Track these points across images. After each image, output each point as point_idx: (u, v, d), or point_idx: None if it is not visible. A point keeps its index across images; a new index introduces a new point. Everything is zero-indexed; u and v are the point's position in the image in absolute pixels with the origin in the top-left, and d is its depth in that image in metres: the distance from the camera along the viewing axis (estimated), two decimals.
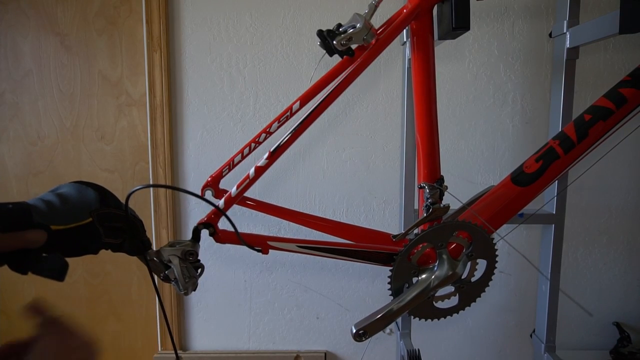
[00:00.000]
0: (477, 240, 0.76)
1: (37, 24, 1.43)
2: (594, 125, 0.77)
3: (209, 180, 0.86)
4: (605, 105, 0.78)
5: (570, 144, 0.78)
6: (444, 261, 0.76)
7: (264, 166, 0.75)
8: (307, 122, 0.74)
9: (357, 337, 0.76)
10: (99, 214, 0.56)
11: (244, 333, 1.52)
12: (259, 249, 0.76)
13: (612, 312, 1.44)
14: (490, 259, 0.77)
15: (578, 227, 1.40)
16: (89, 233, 0.55)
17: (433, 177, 0.79)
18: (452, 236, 0.75)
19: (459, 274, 0.76)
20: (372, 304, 1.49)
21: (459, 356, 1.51)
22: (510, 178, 0.81)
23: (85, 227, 0.54)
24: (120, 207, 0.59)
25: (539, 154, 0.81)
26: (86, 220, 0.54)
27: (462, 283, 0.78)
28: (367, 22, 0.69)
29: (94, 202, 0.56)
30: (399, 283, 0.77)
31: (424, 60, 0.76)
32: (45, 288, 1.57)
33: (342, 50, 0.71)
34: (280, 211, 0.94)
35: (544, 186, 0.80)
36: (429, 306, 0.78)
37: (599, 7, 1.30)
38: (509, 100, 1.36)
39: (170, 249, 0.66)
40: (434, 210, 0.76)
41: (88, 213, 0.55)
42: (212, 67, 1.40)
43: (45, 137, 1.49)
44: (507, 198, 0.80)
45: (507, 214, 0.81)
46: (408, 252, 0.75)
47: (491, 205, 0.80)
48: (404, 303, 0.75)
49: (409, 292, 0.75)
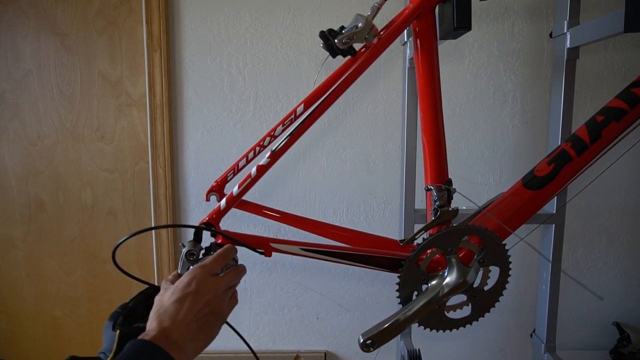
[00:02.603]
0: (488, 245, 0.73)
1: (37, 24, 1.43)
2: (607, 126, 0.76)
3: (214, 185, 0.85)
4: (618, 105, 0.77)
5: (583, 145, 0.76)
6: (454, 267, 0.72)
7: (265, 165, 0.74)
8: (309, 122, 0.74)
9: (365, 347, 0.72)
10: (119, 325, 0.61)
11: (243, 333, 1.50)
12: (262, 251, 0.75)
13: (612, 312, 1.44)
14: (503, 266, 0.74)
15: (578, 227, 1.40)
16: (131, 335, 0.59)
17: (441, 178, 0.77)
18: (462, 241, 0.72)
19: (469, 281, 0.72)
20: (372, 304, 1.49)
21: (459, 356, 1.51)
22: (522, 182, 0.80)
23: (123, 339, 0.59)
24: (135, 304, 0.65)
25: (550, 157, 0.79)
26: (116, 338, 0.60)
27: (474, 292, 0.74)
28: (368, 22, 0.69)
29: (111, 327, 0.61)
30: (408, 290, 0.74)
31: (428, 61, 0.76)
32: (46, 288, 1.57)
33: (344, 50, 0.70)
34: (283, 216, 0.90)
35: (557, 189, 0.78)
36: (440, 316, 0.75)
37: (599, 7, 1.30)
38: (509, 100, 1.36)
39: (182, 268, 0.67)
40: (442, 213, 0.73)
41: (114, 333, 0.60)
42: (212, 67, 1.40)
43: (45, 137, 1.49)
44: (519, 202, 0.78)
45: (519, 219, 0.78)
46: (416, 257, 0.72)
47: (503, 211, 0.78)
48: (413, 312, 0.71)
49: (418, 300, 0.72)
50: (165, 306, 0.56)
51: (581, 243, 1.41)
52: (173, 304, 0.56)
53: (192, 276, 0.59)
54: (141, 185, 1.50)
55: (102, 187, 1.51)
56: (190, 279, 0.59)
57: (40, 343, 1.61)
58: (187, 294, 0.57)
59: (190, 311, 0.56)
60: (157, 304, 0.58)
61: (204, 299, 0.57)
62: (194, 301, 0.56)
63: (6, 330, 1.61)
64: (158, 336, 0.52)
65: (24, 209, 1.53)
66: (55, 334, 1.60)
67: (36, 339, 1.61)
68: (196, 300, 0.57)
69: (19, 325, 1.60)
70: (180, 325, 0.54)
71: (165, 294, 0.58)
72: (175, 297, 0.57)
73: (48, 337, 1.61)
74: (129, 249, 1.54)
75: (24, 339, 1.61)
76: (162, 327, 0.53)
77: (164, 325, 0.54)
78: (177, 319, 0.55)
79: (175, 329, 0.54)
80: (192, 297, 0.57)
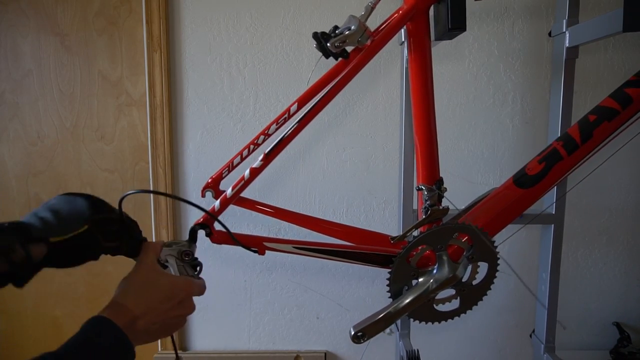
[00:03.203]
0: (477, 242, 0.75)
1: (37, 24, 1.43)
2: (599, 126, 0.76)
3: (209, 182, 0.87)
4: (611, 105, 0.77)
5: (574, 145, 0.77)
6: (444, 264, 0.75)
7: (258, 168, 0.75)
8: (302, 124, 0.74)
9: (356, 338, 0.76)
10: (93, 219, 0.57)
11: (244, 333, 1.52)
12: (255, 250, 0.76)
13: (612, 312, 1.44)
14: (491, 262, 0.76)
15: (578, 227, 1.40)
16: (87, 240, 0.57)
17: (432, 178, 0.78)
18: (452, 238, 0.74)
19: (458, 276, 0.75)
20: (372, 304, 1.49)
21: (459, 356, 1.50)
22: (513, 180, 0.80)
23: (82, 234, 0.56)
24: (113, 212, 0.61)
25: (541, 156, 0.79)
26: (82, 228, 0.56)
27: (463, 286, 0.77)
28: (361, 24, 0.69)
29: (87, 209, 0.57)
30: (398, 285, 0.76)
31: (420, 62, 0.76)
32: (46, 288, 1.57)
33: (336, 53, 0.70)
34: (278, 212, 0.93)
35: (547, 188, 0.79)
36: (430, 309, 0.77)
37: (598, 6, 1.30)
38: (509, 100, 1.36)
39: (167, 249, 0.66)
40: (433, 212, 0.75)
41: (83, 221, 0.56)
42: (212, 67, 1.40)
43: (45, 137, 1.49)
44: (509, 200, 0.79)
45: (509, 217, 0.80)
46: (407, 254, 0.74)
47: (493, 208, 0.79)
48: (403, 305, 0.74)
49: (408, 294, 0.75)
50: (149, 288, 0.56)
51: (581, 243, 1.41)
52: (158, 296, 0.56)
53: (186, 286, 0.60)
54: (141, 185, 1.50)
55: (102, 187, 1.51)
56: (185, 287, 0.59)
57: (40, 343, 1.61)
58: (175, 296, 0.57)
59: (166, 314, 0.56)
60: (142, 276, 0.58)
61: (180, 311, 0.58)
62: (174, 308, 0.57)
63: (6, 330, 1.61)
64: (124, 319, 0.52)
65: (24, 209, 1.53)
66: (55, 334, 1.61)
67: (36, 339, 1.61)
68: (176, 308, 0.57)
69: (19, 325, 1.60)
70: (150, 320, 0.54)
71: (153, 274, 0.59)
72: (166, 291, 0.57)
73: (48, 337, 1.61)
74: None
75: (24, 339, 1.61)
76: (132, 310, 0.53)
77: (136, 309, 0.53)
78: (152, 312, 0.55)
79: (143, 320, 0.53)
80: (176, 304, 0.57)
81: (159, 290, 0.57)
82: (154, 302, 0.55)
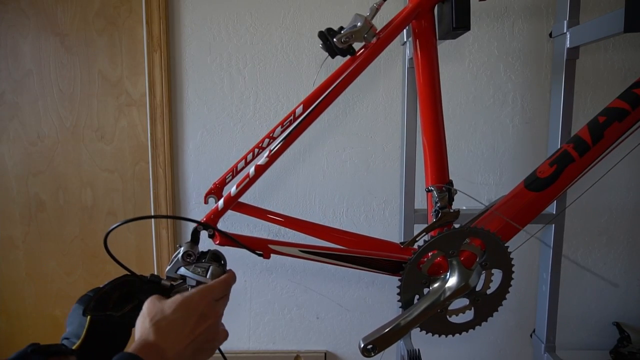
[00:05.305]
0: (490, 248, 0.71)
1: (37, 24, 1.43)
2: (610, 127, 0.75)
3: (213, 187, 0.84)
4: (620, 106, 0.76)
5: (585, 146, 0.76)
6: (456, 271, 0.71)
7: (264, 165, 0.73)
8: (307, 122, 0.73)
9: (366, 352, 0.70)
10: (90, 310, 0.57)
11: (244, 333, 1.52)
12: (260, 253, 0.74)
13: (612, 312, 1.44)
14: (506, 269, 0.73)
15: (578, 227, 1.40)
16: (104, 327, 0.56)
17: (441, 180, 0.76)
18: (464, 244, 0.71)
19: (471, 285, 0.71)
20: (372, 304, 1.49)
21: (459, 356, 1.51)
22: (524, 184, 0.79)
23: (94, 326, 0.55)
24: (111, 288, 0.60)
25: (552, 159, 0.78)
26: (86, 323, 0.55)
27: (477, 295, 0.73)
28: (367, 21, 0.69)
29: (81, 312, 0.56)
30: (409, 294, 0.72)
31: (427, 61, 0.75)
32: (46, 288, 1.57)
33: (343, 49, 0.70)
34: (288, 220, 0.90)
35: (560, 191, 0.77)
36: (442, 321, 0.73)
37: (599, 7, 1.30)
38: (509, 100, 1.36)
39: (171, 267, 0.64)
40: (443, 214, 0.72)
41: (84, 318, 0.56)
42: (212, 67, 1.40)
43: (45, 137, 1.49)
44: (522, 204, 0.77)
45: (522, 221, 0.77)
46: (417, 260, 0.71)
47: (506, 213, 0.77)
48: (414, 316, 0.70)
49: (419, 304, 0.71)
50: (166, 315, 0.52)
51: (581, 243, 1.41)
52: (176, 319, 0.52)
53: (200, 296, 0.55)
54: (141, 185, 1.50)
55: (102, 187, 1.51)
56: (200, 298, 0.55)
57: None
58: (192, 313, 0.53)
59: (192, 333, 0.52)
60: (155, 308, 0.53)
61: (206, 323, 0.54)
62: (198, 324, 0.53)
63: (6, 330, 1.61)
64: (152, 354, 0.48)
65: (24, 209, 1.53)
66: (55, 334, 1.60)
67: (36, 339, 1.60)
68: (200, 323, 0.53)
69: (19, 325, 1.60)
70: (178, 346, 0.50)
71: (166, 302, 0.54)
72: (181, 312, 0.52)
73: (48, 337, 1.61)
74: (129, 248, 1.54)
75: (24, 339, 1.61)
76: (158, 343, 0.49)
77: (160, 341, 0.49)
78: (176, 337, 0.51)
79: (171, 349, 0.49)
80: (197, 320, 0.53)
81: (177, 309, 0.53)
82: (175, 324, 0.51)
